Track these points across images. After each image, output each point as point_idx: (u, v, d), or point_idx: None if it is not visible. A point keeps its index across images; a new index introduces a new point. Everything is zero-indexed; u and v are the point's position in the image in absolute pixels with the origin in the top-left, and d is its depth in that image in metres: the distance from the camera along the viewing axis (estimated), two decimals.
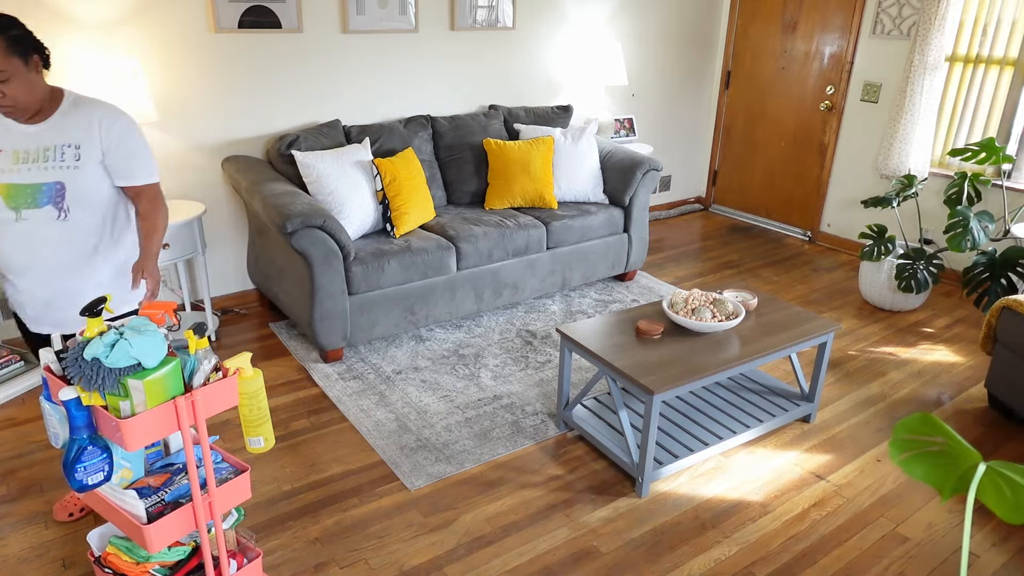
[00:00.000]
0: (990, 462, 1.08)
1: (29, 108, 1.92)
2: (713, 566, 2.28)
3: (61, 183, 1.95)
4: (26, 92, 1.88)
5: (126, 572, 1.82)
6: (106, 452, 1.63)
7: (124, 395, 1.57)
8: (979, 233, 3.65)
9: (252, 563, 1.94)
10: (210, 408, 1.68)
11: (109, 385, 1.55)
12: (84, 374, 1.56)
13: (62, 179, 1.96)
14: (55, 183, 1.95)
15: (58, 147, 1.96)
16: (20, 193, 1.93)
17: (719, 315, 2.76)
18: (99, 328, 1.62)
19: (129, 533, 1.73)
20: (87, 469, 1.61)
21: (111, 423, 1.57)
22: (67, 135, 1.97)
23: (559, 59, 4.82)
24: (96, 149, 1.99)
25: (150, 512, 1.70)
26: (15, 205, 1.94)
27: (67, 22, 3.16)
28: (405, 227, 3.58)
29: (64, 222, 1.99)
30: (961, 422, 3.08)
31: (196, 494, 1.72)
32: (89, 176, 1.99)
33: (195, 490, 1.72)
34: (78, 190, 1.98)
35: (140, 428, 1.57)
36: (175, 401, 1.61)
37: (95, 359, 1.55)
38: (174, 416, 1.62)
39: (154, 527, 1.67)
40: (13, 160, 1.94)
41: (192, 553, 1.88)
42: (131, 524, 1.70)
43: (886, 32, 4.61)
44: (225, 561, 1.83)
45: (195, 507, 1.73)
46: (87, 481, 1.62)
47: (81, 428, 1.60)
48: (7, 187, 1.93)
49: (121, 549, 1.85)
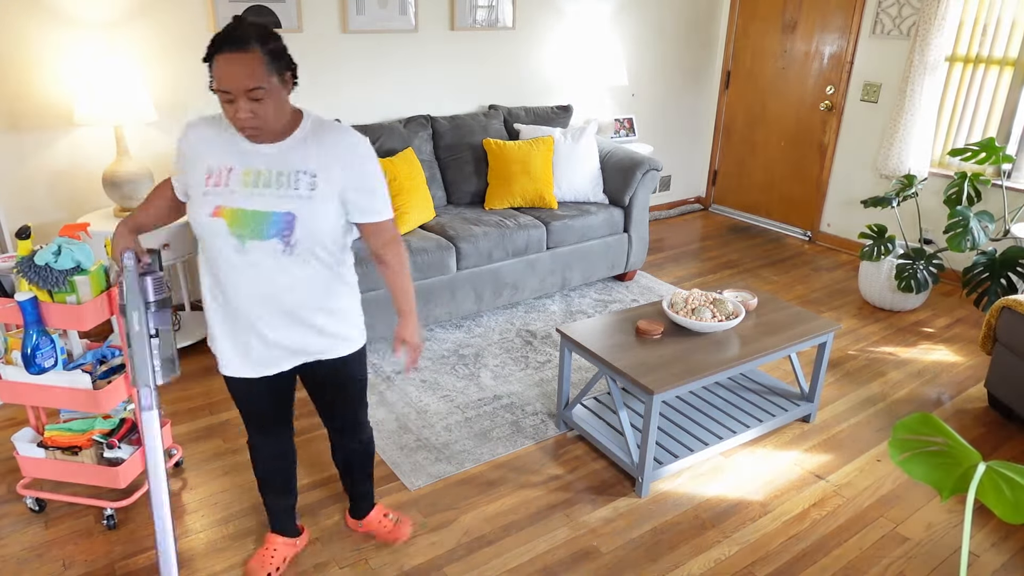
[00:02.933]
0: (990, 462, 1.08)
1: (275, 131, 1.68)
2: (713, 566, 2.28)
3: (292, 214, 1.68)
4: (276, 113, 1.63)
5: (74, 443, 2.34)
6: (52, 343, 2.16)
7: (70, 291, 2.08)
8: (979, 233, 3.65)
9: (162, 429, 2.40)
10: None
11: (60, 284, 2.05)
12: (40, 276, 2.03)
13: (293, 209, 1.68)
14: (285, 213, 1.67)
15: (293, 173, 1.69)
16: (247, 220, 1.68)
17: (719, 315, 2.76)
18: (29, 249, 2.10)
19: (81, 406, 2.25)
20: (43, 355, 2.13)
21: (66, 312, 2.08)
22: (304, 161, 1.70)
23: (559, 59, 4.82)
24: (335, 179, 1.71)
25: None
26: (240, 233, 1.69)
27: (67, 22, 3.16)
28: (405, 227, 3.58)
29: (289, 257, 1.72)
30: (961, 422, 3.08)
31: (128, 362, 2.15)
32: (321, 209, 1.71)
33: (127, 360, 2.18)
34: (308, 223, 1.70)
35: (92, 310, 2.11)
36: (110, 292, 2.16)
37: (46, 264, 2.03)
38: (108, 304, 2.16)
39: (103, 392, 2.23)
40: (243, 182, 1.69)
41: (120, 424, 2.42)
42: (83, 395, 2.23)
43: (886, 32, 4.61)
44: None
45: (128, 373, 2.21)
46: (44, 365, 2.15)
47: (34, 323, 2.08)
48: (233, 212, 1.68)
49: (61, 430, 2.38)
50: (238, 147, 1.71)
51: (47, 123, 3.25)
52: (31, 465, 2.37)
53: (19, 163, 3.24)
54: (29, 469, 2.39)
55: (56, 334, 2.21)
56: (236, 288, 1.76)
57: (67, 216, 3.42)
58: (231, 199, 1.68)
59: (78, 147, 3.36)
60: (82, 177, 3.40)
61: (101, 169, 3.43)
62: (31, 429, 2.45)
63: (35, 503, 2.42)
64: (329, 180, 1.71)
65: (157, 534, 1.71)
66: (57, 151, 3.31)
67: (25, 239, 2.14)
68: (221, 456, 2.74)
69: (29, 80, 3.16)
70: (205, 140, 1.73)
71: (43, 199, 3.34)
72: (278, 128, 1.68)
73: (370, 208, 1.80)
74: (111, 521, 2.36)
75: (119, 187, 3.18)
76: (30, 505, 2.43)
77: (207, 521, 2.42)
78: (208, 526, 2.40)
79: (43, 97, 3.21)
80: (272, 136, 1.70)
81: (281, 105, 1.64)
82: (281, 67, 1.62)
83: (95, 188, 3.44)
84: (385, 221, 1.84)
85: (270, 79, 1.58)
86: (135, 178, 3.20)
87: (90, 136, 3.37)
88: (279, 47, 1.61)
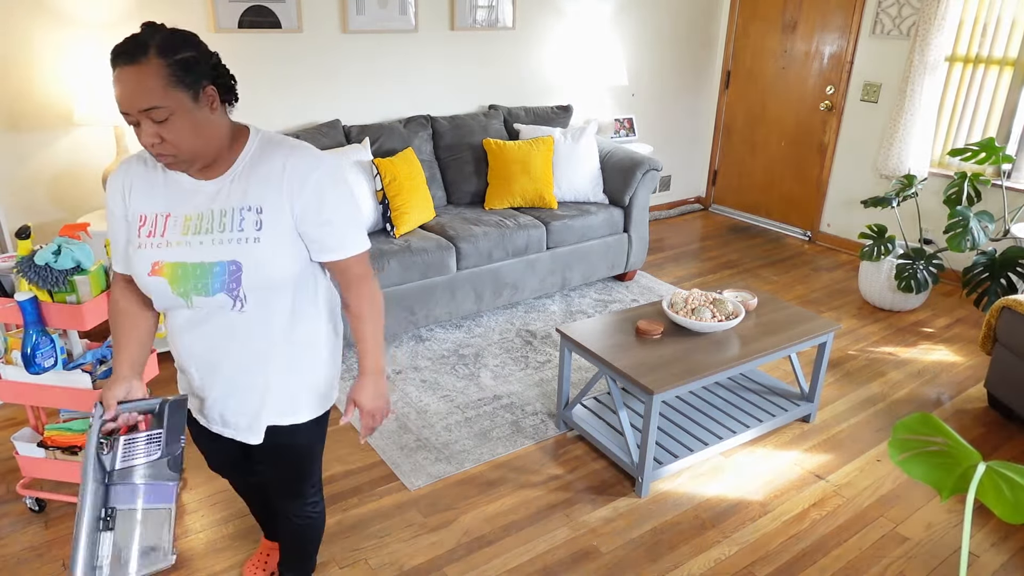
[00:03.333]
0: (990, 462, 1.08)
1: (197, 157, 1.39)
2: (713, 566, 2.28)
3: (237, 263, 1.42)
4: (192, 136, 1.35)
5: (74, 443, 2.33)
6: (52, 343, 2.15)
7: (70, 291, 2.08)
8: (979, 233, 3.65)
9: None
10: None
11: (60, 284, 2.04)
12: (40, 276, 2.01)
13: (238, 257, 1.42)
14: (229, 263, 1.42)
15: (236, 210, 1.43)
16: (188, 275, 1.42)
17: (719, 315, 2.76)
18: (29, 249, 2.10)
19: (81, 405, 2.25)
20: (43, 355, 2.11)
21: (66, 311, 2.08)
22: (248, 194, 1.43)
23: (559, 59, 4.82)
24: (284, 212, 1.44)
25: None
26: (183, 291, 1.44)
27: (67, 22, 3.17)
28: (405, 227, 3.58)
29: (240, 314, 1.47)
30: (961, 422, 3.08)
31: None
32: (271, 250, 1.43)
33: None
34: (257, 272, 1.43)
35: (94, 309, 2.12)
36: (108, 292, 2.15)
37: (46, 264, 2.02)
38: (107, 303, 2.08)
39: None
40: (183, 230, 1.44)
41: None
42: (83, 395, 2.22)
43: (886, 32, 4.61)
44: None
45: None
46: (44, 365, 2.13)
47: (34, 323, 2.07)
48: (172, 267, 1.43)
49: (61, 430, 2.35)
50: (179, 187, 1.46)
51: (47, 123, 3.26)
52: (31, 465, 2.37)
53: (19, 163, 3.24)
54: (29, 469, 2.38)
55: (56, 334, 2.21)
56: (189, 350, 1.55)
57: (67, 216, 3.42)
58: (169, 252, 1.43)
59: (78, 147, 3.36)
60: (82, 177, 3.40)
61: (101, 169, 3.43)
62: (31, 429, 2.45)
63: (35, 503, 2.43)
64: (277, 213, 1.43)
65: None
66: (57, 151, 3.32)
67: (25, 239, 2.14)
68: None
69: (29, 80, 3.16)
70: (138, 181, 1.48)
71: (43, 199, 3.34)
72: (204, 155, 1.39)
73: (328, 244, 1.50)
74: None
75: None
76: (30, 505, 2.43)
77: (207, 521, 2.42)
78: (208, 526, 2.40)
79: (43, 97, 3.21)
80: (207, 166, 1.44)
81: (200, 127, 1.35)
82: (194, 81, 1.33)
83: (95, 188, 3.44)
84: (346, 259, 1.53)
85: (175, 95, 1.30)
86: None
87: (90, 136, 3.37)
88: (191, 57, 1.34)
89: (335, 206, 1.47)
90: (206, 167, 1.44)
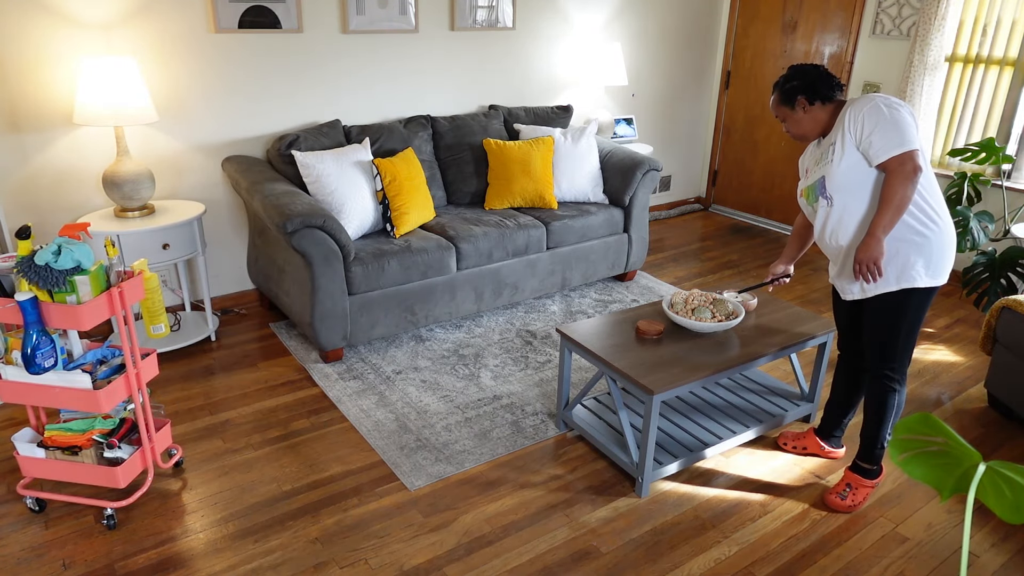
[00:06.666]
0: (990, 462, 1.08)
1: (812, 134, 2.38)
2: (713, 566, 2.28)
3: (822, 178, 2.34)
4: (799, 126, 2.36)
5: (74, 443, 2.34)
6: (52, 343, 2.16)
7: (70, 291, 2.09)
8: (979, 233, 3.65)
9: (162, 429, 2.54)
10: (131, 298, 2.25)
11: (60, 284, 2.05)
12: (40, 276, 2.03)
13: (823, 174, 2.33)
14: (818, 179, 2.35)
15: (827, 152, 2.33)
16: (810, 192, 2.42)
17: (719, 315, 2.76)
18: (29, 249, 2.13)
19: (81, 406, 2.25)
20: (43, 355, 2.12)
21: (66, 312, 2.09)
22: (830, 139, 2.32)
23: (559, 59, 4.82)
24: (848, 144, 2.25)
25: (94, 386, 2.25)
26: (809, 201, 2.44)
27: (67, 22, 3.17)
28: (405, 227, 3.58)
29: (831, 207, 2.34)
30: (961, 422, 3.08)
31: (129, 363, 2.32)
32: (841, 167, 2.28)
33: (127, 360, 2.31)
34: (834, 181, 2.30)
35: (92, 310, 2.13)
36: (110, 292, 2.18)
37: (46, 264, 2.03)
38: (108, 303, 2.18)
39: (103, 392, 2.23)
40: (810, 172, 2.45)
41: (120, 424, 2.41)
42: (83, 395, 2.23)
43: (886, 32, 4.61)
44: (151, 421, 2.45)
45: (128, 375, 2.32)
46: (44, 364, 2.14)
47: (34, 323, 2.08)
48: (805, 190, 2.45)
49: (61, 430, 2.36)
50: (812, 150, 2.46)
51: (47, 123, 3.26)
52: (31, 465, 2.37)
53: (19, 163, 3.24)
54: (29, 469, 2.39)
55: (56, 334, 2.21)
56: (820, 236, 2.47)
57: (67, 216, 3.42)
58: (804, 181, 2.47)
59: (78, 147, 3.36)
60: (82, 177, 3.41)
61: (101, 169, 3.43)
62: (31, 429, 2.45)
63: (35, 503, 2.42)
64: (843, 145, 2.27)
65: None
66: (57, 151, 3.32)
67: (25, 239, 2.15)
68: (221, 456, 2.75)
69: (29, 80, 3.16)
70: None
71: (43, 199, 3.34)
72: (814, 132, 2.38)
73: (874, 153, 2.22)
74: (111, 521, 2.36)
75: (119, 187, 3.18)
76: (30, 505, 2.43)
77: (207, 521, 2.42)
78: (208, 526, 2.40)
79: (43, 97, 3.21)
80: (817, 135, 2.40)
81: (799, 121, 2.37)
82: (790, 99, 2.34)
83: (95, 188, 3.44)
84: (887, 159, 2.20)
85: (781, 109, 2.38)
86: (135, 178, 3.20)
87: (90, 136, 3.37)
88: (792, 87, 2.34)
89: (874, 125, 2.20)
90: None
